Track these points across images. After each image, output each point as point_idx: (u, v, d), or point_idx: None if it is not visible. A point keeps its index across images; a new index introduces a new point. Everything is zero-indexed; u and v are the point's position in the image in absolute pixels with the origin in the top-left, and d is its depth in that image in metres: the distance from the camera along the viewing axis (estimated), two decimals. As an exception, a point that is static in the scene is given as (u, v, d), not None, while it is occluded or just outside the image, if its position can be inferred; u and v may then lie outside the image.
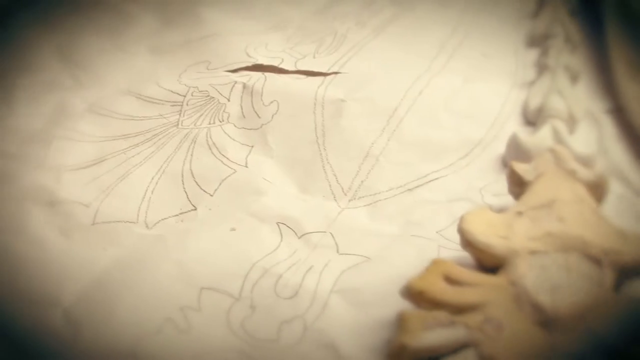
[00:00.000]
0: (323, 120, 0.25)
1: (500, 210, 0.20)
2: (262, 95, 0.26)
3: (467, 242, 0.19)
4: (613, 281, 0.18)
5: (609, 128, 0.25)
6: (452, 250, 0.20)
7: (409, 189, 0.23)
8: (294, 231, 0.21)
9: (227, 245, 0.21)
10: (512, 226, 0.19)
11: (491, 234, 0.19)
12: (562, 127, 0.23)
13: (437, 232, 0.21)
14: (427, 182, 0.23)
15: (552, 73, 0.26)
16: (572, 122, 0.24)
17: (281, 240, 0.21)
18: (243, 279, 0.20)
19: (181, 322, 0.19)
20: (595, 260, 0.18)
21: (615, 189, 0.23)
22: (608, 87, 0.26)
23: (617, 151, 0.24)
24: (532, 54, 0.28)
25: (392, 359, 0.17)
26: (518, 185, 0.21)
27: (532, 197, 0.20)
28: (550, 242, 0.19)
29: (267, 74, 0.27)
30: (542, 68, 0.26)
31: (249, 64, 0.27)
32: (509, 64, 0.28)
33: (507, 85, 0.26)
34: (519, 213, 0.20)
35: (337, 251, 0.21)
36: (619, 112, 0.25)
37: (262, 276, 0.20)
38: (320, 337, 0.19)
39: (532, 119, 0.25)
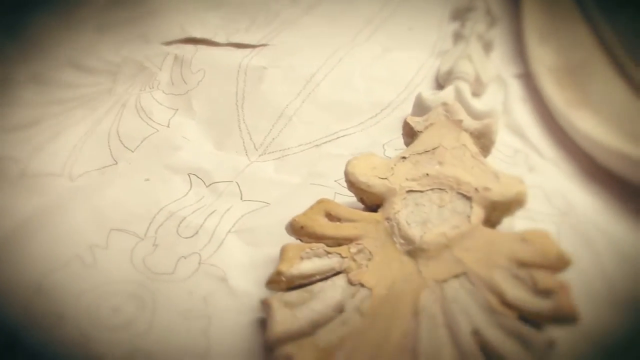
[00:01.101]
0: (245, 86, 0.26)
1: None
2: (190, 65, 0.27)
3: (350, 183, 0.20)
4: (482, 215, 0.19)
5: (515, 90, 0.26)
6: (347, 197, 0.21)
7: (316, 145, 0.24)
8: (203, 181, 0.23)
9: (140, 193, 0.22)
10: (393, 169, 0.21)
11: (372, 175, 0.20)
12: (464, 87, 0.25)
13: (335, 181, 0.22)
14: (334, 139, 0.24)
15: (465, 41, 0.27)
16: (479, 84, 0.26)
17: (190, 189, 0.23)
18: (150, 221, 0.21)
19: (88, 258, 0.20)
20: (466, 197, 0.20)
21: (513, 143, 0.24)
22: (520, 54, 0.28)
23: (519, 111, 0.25)
24: (455, 27, 0.29)
25: (270, 285, 0.19)
26: (410, 136, 0.22)
27: (418, 144, 0.21)
28: (426, 182, 0.20)
29: (199, 46, 0.28)
30: (457, 37, 0.28)
31: (183, 38, 0.29)
32: (431, 36, 0.29)
33: (425, 54, 0.28)
34: (403, 158, 0.21)
35: (241, 198, 0.22)
36: (528, 77, 0.27)
37: (167, 219, 0.22)
38: (213, 270, 0.20)
39: (442, 82, 0.26)
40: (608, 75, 0.25)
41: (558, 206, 0.22)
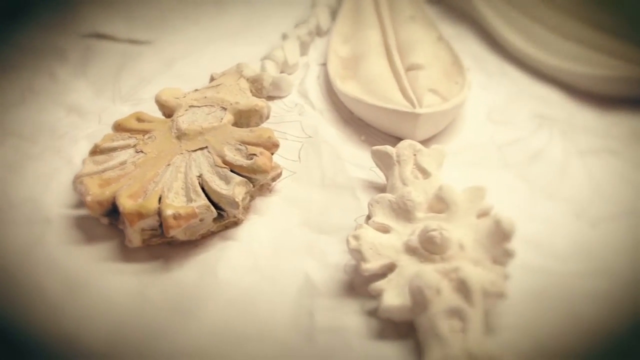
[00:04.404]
0: (125, 63, 0.38)
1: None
2: (94, 50, 0.40)
3: (156, 101, 0.31)
4: (231, 118, 0.30)
5: (315, 72, 0.37)
6: (167, 121, 0.32)
7: (162, 96, 0.35)
8: (78, 114, 0.34)
9: (37, 116, 0.34)
10: (186, 95, 0.32)
11: (170, 97, 0.32)
12: (269, 63, 0.36)
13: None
14: (175, 93, 0.35)
15: (287, 39, 0.39)
16: (286, 66, 0.37)
17: (66, 116, 0.34)
18: (37, 131, 0.33)
19: (-12, 148, 0.32)
20: (224, 109, 0.30)
21: (297, 100, 0.35)
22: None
23: (311, 83, 0.37)
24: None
25: (90, 155, 0.30)
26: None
27: (211, 84, 0.33)
28: (203, 101, 0.31)
29: (104, 40, 0.41)
30: (284, 36, 0.40)
31: (94, 32, 0.41)
32: (274, 37, 0.41)
33: (265, 48, 0.39)
34: (196, 90, 0.32)
35: (99, 122, 0.34)
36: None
37: (48, 130, 0.33)
38: (66, 155, 0.31)
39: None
40: (376, 60, 0.36)
41: (308, 133, 0.32)
